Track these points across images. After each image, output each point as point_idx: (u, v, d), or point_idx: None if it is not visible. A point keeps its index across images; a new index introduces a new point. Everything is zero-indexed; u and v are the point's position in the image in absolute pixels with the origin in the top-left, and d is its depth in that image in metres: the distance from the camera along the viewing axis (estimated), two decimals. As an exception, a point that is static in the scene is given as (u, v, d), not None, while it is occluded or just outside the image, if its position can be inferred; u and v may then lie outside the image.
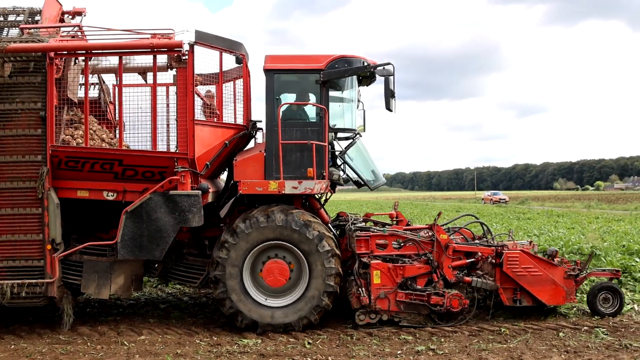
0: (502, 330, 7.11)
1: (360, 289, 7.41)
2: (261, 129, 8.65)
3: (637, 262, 10.23)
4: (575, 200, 56.75)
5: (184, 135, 7.30)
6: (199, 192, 7.33)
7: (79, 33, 8.03)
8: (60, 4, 9.11)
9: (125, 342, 7.01)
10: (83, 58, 7.51)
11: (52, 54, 7.23)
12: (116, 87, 8.36)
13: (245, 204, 7.90)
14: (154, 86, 7.43)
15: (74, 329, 7.59)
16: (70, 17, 9.41)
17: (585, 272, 7.68)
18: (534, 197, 72.72)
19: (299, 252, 7.37)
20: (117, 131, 7.76)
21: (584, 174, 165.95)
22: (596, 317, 7.57)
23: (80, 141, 7.65)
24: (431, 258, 7.44)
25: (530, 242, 8.23)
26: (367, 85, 8.48)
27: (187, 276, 8.08)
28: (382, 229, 7.85)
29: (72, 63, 7.98)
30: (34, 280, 7.23)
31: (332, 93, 7.99)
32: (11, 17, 9.44)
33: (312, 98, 7.94)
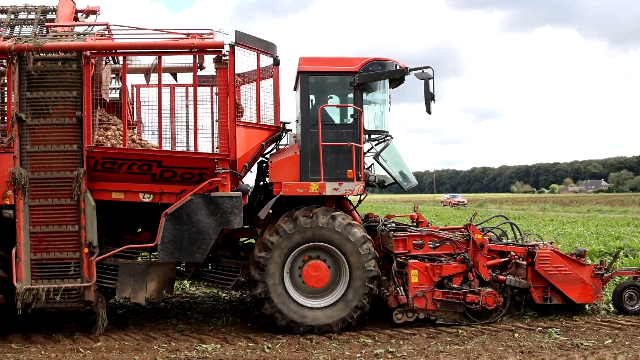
0: (460, 332, 7.23)
1: (398, 288, 7.54)
2: (290, 130, 8.70)
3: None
4: (532, 203, 58.35)
5: (225, 136, 7.27)
6: (241, 193, 7.31)
7: (106, 32, 7.89)
8: (74, 2, 8.95)
9: (81, 350, 6.82)
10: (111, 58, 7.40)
11: (88, 52, 7.08)
12: (131, 87, 8.27)
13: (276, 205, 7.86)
14: (195, 86, 7.36)
15: (27, 337, 7.37)
16: (84, 15, 9.25)
17: (610, 271, 8.04)
18: (492, 200, 74.57)
19: (339, 253, 7.43)
20: (154, 133, 7.62)
21: (540, 177, 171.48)
22: (622, 315, 7.89)
23: (115, 142, 7.51)
24: (467, 257, 7.65)
25: (551, 243, 8.55)
26: (394, 88, 8.63)
27: (221, 278, 8.03)
28: (419, 229, 8.01)
29: (103, 63, 7.84)
30: (70, 285, 7.05)
31: (365, 96, 8.11)
32: (22, 15, 9.21)
33: (346, 100, 8.05)
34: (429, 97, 7.46)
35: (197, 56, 7.26)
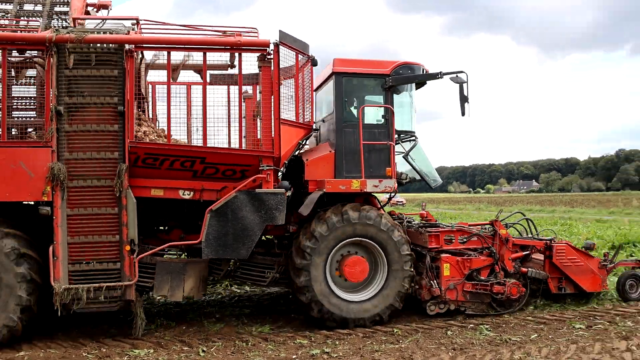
0: (395, 331, 7.33)
1: (431, 282, 7.89)
2: (317, 129, 8.87)
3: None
4: (467, 203, 60.60)
5: (269, 134, 7.33)
6: (284, 190, 7.41)
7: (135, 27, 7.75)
8: None
9: (1, 360, 6.45)
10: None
11: (132, 46, 6.95)
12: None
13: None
14: (240, 85, 7.37)
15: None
16: (95, 9, 9.04)
17: (614, 262, 8.77)
18: (430, 200, 76.95)
19: (380, 251, 7.68)
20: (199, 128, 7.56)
21: (476, 178, 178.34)
22: (624, 303, 8.55)
23: (154, 137, 7.41)
24: (494, 251, 8.11)
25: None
26: (418, 89, 8.98)
27: (256, 275, 8.06)
28: (449, 225, 8.39)
29: (139, 57, 7.69)
30: (112, 284, 6.87)
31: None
32: (28, 7, 8.89)
33: (377, 101, 8.33)
34: (464, 100, 7.85)
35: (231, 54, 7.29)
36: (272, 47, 7.29)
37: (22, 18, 9.05)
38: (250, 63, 7.54)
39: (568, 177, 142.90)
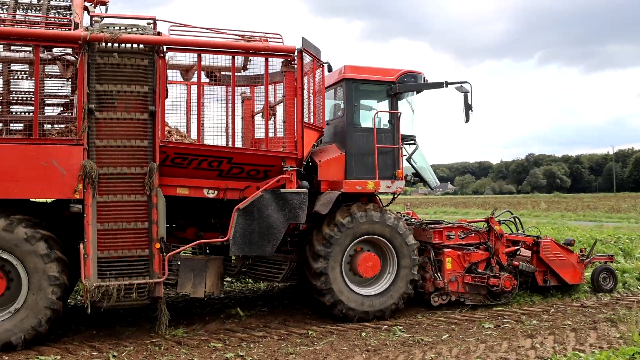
0: (310, 333, 7.43)
1: (436, 274, 8.53)
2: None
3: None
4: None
5: (292, 136, 7.68)
6: (306, 190, 7.78)
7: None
8: None
9: None
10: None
11: (164, 47, 7.10)
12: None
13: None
14: (266, 87, 7.67)
15: None
16: (93, 5, 9.06)
17: (590, 257, 9.77)
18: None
19: (389, 245, 8.21)
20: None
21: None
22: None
23: (178, 137, 7.58)
24: (490, 246, 8.86)
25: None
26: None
27: (269, 272, 8.35)
28: (450, 222, 9.07)
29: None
30: (143, 281, 6.96)
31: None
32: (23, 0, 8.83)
33: (383, 106, 8.88)
34: (468, 108, 8.53)
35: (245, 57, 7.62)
36: (296, 53, 7.65)
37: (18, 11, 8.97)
38: (252, 64, 7.87)
39: (481, 180, 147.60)
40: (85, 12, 9.11)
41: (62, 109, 8.60)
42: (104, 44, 6.81)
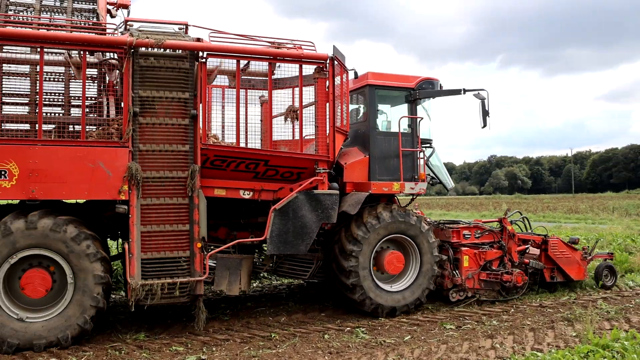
0: (273, 335, 7.41)
1: (454, 272, 8.99)
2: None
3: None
4: None
5: (324, 140, 8.01)
6: (338, 191, 8.12)
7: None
8: None
9: None
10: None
11: (205, 53, 7.34)
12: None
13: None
14: (300, 92, 7.97)
15: None
16: (115, 8, 9.25)
17: (592, 255, 10.39)
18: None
19: (413, 243, 8.63)
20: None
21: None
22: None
23: (214, 140, 7.82)
24: (504, 244, 9.37)
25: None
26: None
27: (297, 269, 8.68)
28: (467, 222, 9.54)
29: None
30: (185, 279, 7.17)
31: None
32: (47, 1, 8.99)
33: (398, 111, 9.29)
34: (486, 114, 9.01)
35: (273, 64, 7.91)
36: (328, 60, 7.98)
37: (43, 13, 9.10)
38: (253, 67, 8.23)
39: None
40: (109, 15, 9.30)
41: (87, 110, 8.75)
42: (149, 48, 7.01)
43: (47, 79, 8.32)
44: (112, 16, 9.33)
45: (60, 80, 8.17)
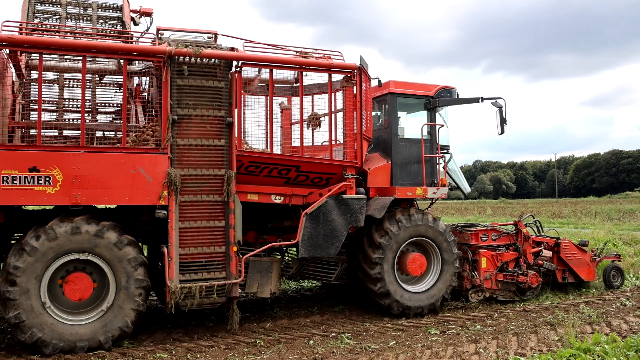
0: (257, 342, 7.33)
1: (473, 272, 9.31)
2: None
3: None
4: None
5: (352, 146, 8.28)
6: (365, 196, 8.39)
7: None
8: (128, 2, 9.26)
9: None
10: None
11: (239, 62, 7.57)
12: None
13: None
14: (330, 100, 8.24)
15: None
16: (138, 16, 9.46)
17: (600, 256, 10.79)
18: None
19: (433, 244, 8.92)
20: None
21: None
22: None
23: (247, 147, 8.04)
24: (519, 247, 9.72)
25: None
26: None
27: (323, 272, 8.90)
28: (484, 225, 9.87)
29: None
30: (222, 282, 7.36)
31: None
32: (72, 9, 9.18)
33: (420, 118, 9.60)
34: (503, 122, 9.36)
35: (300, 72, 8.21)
36: (356, 70, 8.26)
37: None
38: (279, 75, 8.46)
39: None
40: (132, 22, 9.49)
41: (113, 116, 8.93)
42: (187, 58, 7.21)
43: (72, 86, 8.50)
44: (135, 24, 9.51)
45: (87, 87, 8.32)
